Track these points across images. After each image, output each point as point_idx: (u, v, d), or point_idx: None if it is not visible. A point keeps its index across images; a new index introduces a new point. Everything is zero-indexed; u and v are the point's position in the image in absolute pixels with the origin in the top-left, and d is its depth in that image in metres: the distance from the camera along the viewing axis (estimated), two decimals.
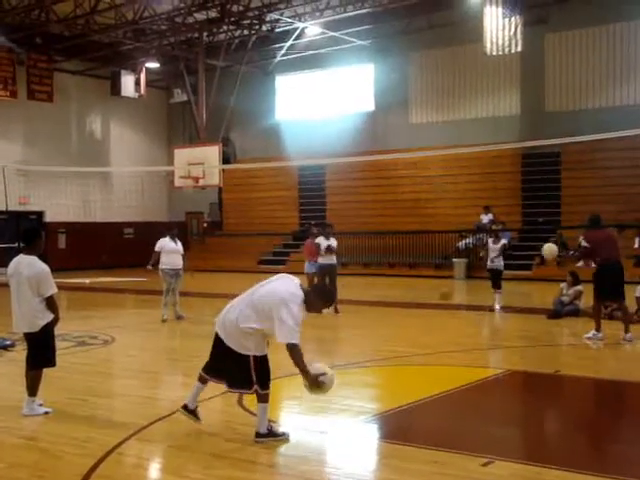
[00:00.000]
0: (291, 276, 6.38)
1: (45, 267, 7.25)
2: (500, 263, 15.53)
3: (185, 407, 6.60)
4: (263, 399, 6.24)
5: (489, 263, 15.64)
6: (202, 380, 6.55)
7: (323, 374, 6.18)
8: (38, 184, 28.39)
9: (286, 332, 5.98)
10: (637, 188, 22.94)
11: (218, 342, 6.30)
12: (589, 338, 11.63)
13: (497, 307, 15.39)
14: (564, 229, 23.75)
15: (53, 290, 7.25)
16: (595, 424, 7.06)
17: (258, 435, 6.26)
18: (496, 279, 15.58)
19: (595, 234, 11.64)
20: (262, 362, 6.22)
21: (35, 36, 26.73)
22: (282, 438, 6.30)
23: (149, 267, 14.54)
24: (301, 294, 6.12)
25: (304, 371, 6.09)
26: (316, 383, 6.11)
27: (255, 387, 6.19)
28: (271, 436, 6.27)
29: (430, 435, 6.63)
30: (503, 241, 15.71)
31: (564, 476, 5.43)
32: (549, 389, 8.88)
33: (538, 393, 8.67)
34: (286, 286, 6.17)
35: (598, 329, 11.63)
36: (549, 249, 13.33)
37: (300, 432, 6.69)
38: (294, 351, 6.04)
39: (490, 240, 16.00)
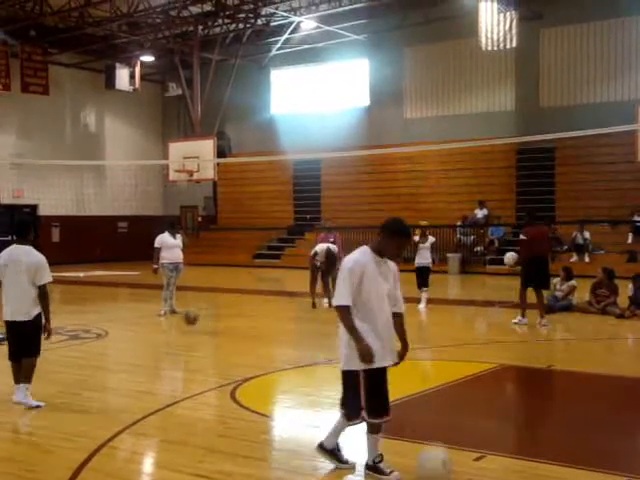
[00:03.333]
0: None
1: (42, 256, 7.36)
2: (429, 260, 15.11)
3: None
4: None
5: (418, 260, 15.01)
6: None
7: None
8: (32, 177, 28.31)
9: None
10: (631, 184, 22.98)
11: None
12: (515, 323, 12.60)
13: (422, 305, 14.88)
14: (558, 224, 23.80)
15: (50, 278, 7.31)
16: (587, 419, 7.07)
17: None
18: (425, 277, 15.03)
19: (532, 229, 12.66)
20: None
21: (29, 28, 26.63)
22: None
23: (155, 266, 14.30)
24: (360, 250, 5.40)
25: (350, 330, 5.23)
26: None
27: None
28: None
29: (423, 430, 6.63)
30: (431, 239, 15.41)
31: (555, 470, 5.43)
32: (542, 384, 8.90)
33: (531, 388, 8.69)
34: None
35: (523, 315, 12.64)
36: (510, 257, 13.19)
37: (293, 426, 6.69)
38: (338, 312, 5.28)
39: (416, 238, 15.76)
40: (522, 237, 12.81)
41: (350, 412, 5.39)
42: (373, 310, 5.25)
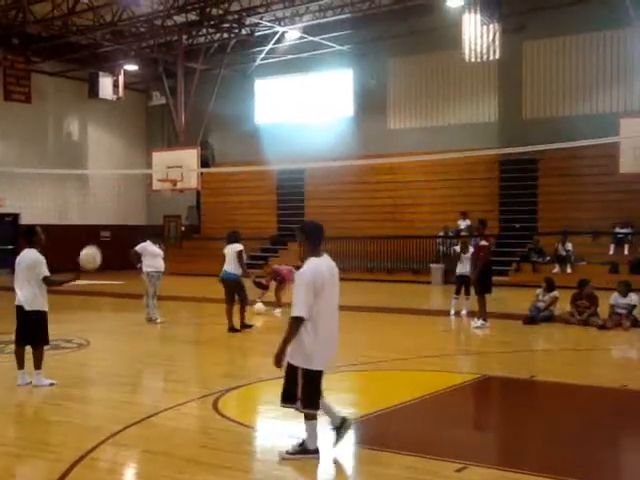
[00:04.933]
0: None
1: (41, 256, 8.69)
2: (461, 270, 15.23)
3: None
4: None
5: (459, 270, 15.27)
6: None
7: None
8: (13, 186, 28.11)
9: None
10: (612, 195, 23.15)
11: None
12: (477, 327, 13.73)
13: (465, 312, 15.29)
14: (540, 235, 23.94)
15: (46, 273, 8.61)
16: (569, 429, 7.10)
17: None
18: (467, 286, 15.24)
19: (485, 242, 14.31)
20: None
21: (12, 36, 26.50)
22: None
23: (139, 265, 14.66)
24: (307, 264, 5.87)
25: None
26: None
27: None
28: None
29: (406, 440, 6.63)
30: (472, 250, 15.58)
31: None
32: (524, 394, 8.93)
33: (513, 398, 8.71)
34: None
35: (485, 319, 13.81)
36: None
37: (275, 437, 6.67)
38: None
39: (457, 248, 15.94)
40: (481, 253, 14.06)
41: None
42: None
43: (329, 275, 5.86)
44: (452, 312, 15.59)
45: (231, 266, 13.72)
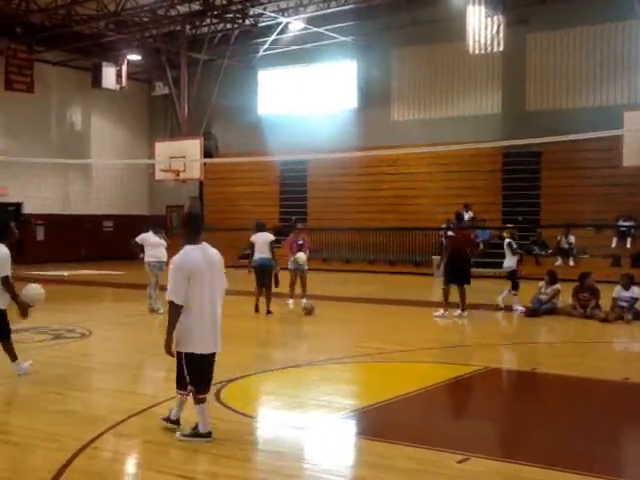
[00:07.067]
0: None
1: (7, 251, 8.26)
2: (511, 264, 15.23)
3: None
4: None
5: (506, 263, 15.26)
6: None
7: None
8: (17, 175, 28.11)
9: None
10: (615, 188, 23.10)
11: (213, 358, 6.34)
12: (437, 316, 14.02)
13: (519, 307, 14.91)
14: (543, 228, 23.91)
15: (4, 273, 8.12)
16: (571, 422, 7.10)
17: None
18: (513, 279, 15.18)
19: (456, 232, 14.71)
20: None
21: (15, 25, 26.46)
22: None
23: (141, 256, 14.68)
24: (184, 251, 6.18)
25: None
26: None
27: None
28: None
29: (408, 431, 6.64)
30: (507, 240, 15.55)
31: (539, 473, 5.46)
32: (526, 386, 8.94)
33: (515, 390, 8.73)
34: None
35: (446, 309, 14.02)
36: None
37: (277, 427, 6.68)
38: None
39: (508, 241, 15.77)
40: (450, 234, 14.68)
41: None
42: None
43: (205, 263, 6.11)
44: (517, 306, 15.00)
45: (267, 254, 14.52)
